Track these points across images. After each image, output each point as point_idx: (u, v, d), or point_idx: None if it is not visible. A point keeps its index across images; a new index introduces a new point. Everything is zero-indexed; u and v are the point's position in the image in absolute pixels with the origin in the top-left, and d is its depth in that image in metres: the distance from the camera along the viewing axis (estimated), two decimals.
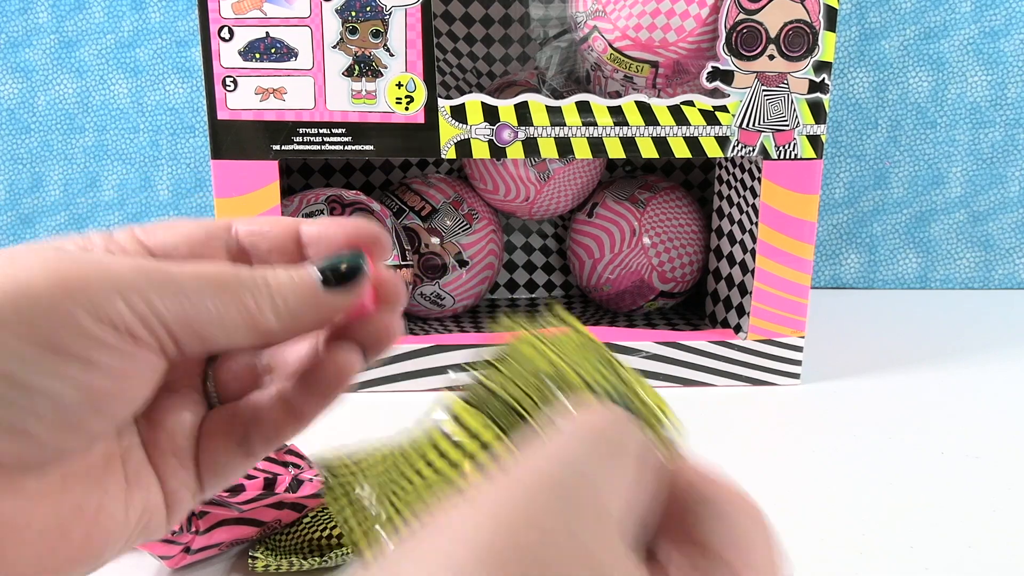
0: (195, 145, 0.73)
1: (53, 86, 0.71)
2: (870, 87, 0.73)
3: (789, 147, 0.50)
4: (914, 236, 0.76)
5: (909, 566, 0.35)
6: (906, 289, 0.77)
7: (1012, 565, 0.35)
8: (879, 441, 0.47)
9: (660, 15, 0.50)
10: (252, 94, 0.48)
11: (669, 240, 0.60)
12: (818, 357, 0.57)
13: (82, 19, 0.70)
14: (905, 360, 0.58)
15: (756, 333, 0.53)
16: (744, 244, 0.54)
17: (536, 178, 0.60)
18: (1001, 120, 0.73)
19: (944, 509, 0.40)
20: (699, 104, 0.49)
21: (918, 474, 0.43)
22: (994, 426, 0.48)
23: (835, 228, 0.76)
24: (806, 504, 0.40)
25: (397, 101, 0.48)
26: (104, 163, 0.73)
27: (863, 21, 0.71)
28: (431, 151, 0.49)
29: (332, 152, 0.49)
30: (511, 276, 0.70)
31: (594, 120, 0.49)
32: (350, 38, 0.47)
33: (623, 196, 0.61)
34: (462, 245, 0.60)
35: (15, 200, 0.73)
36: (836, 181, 0.75)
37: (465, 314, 0.65)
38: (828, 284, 0.77)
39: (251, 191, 0.49)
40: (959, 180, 0.74)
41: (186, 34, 0.70)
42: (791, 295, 0.53)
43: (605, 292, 0.62)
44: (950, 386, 0.54)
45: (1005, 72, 0.72)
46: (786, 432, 0.48)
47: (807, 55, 0.49)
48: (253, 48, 0.47)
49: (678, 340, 0.54)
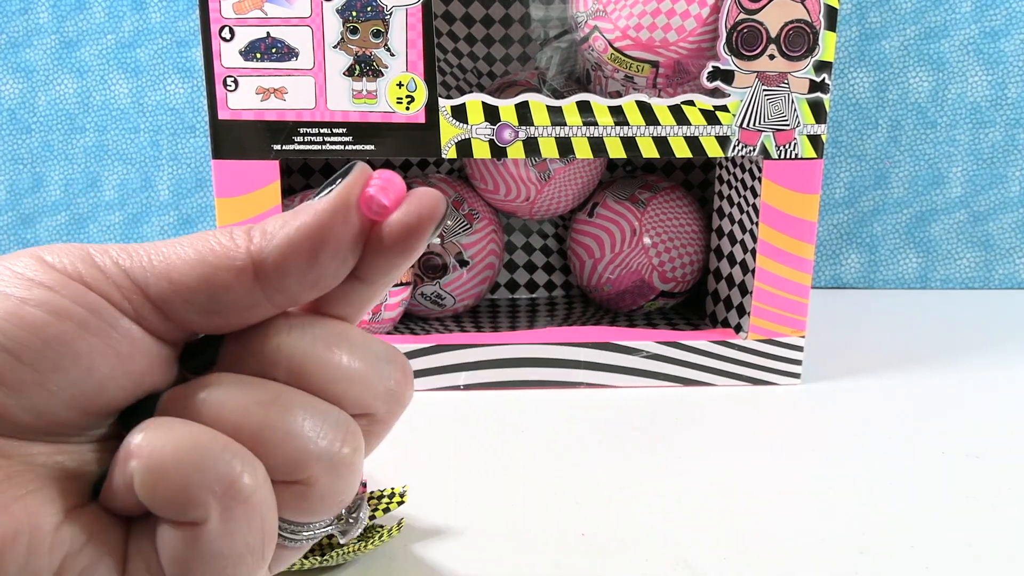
0: (196, 145, 0.73)
1: (53, 86, 0.71)
2: (870, 87, 0.73)
3: (789, 147, 0.50)
4: (914, 236, 0.76)
5: (909, 566, 0.35)
6: (906, 289, 0.77)
7: (1012, 565, 0.35)
8: (879, 441, 0.47)
9: (661, 15, 0.50)
10: (253, 94, 0.48)
11: (670, 240, 0.60)
12: (818, 357, 0.58)
13: (82, 19, 0.70)
14: (905, 360, 0.58)
15: (756, 333, 0.53)
16: (744, 244, 0.54)
17: (537, 178, 0.60)
18: (1002, 120, 0.73)
19: (945, 509, 0.40)
20: (699, 104, 0.49)
21: (919, 474, 0.43)
22: (995, 426, 0.48)
23: (835, 228, 0.76)
24: (806, 504, 0.40)
25: (398, 101, 0.48)
26: (104, 163, 0.73)
27: (863, 21, 0.71)
28: (432, 151, 0.49)
29: (333, 152, 0.49)
30: (511, 276, 0.70)
31: (595, 120, 0.49)
32: (351, 38, 0.47)
33: (623, 196, 0.61)
34: (463, 245, 0.60)
35: (15, 200, 0.73)
36: (836, 181, 0.75)
37: (465, 314, 0.65)
38: (828, 284, 0.77)
39: (252, 191, 0.49)
40: (959, 180, 0.74)
41: (187, 34, 0.70)
42: (792, 295, 0.53)
43: (605, 292, 0.62)
44: (950, 386, 0.54)
45: (1005, 72, 0.72)
46: (786, 432, 0.48)
47: (807, 55, 0.49)
48: (254, 48, 0.47)
49: (678, 340, 0.54)
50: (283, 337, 0.19)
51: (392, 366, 0.20)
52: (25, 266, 0.18)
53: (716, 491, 0.41)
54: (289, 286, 0.19)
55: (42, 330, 0.17)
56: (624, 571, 0.35)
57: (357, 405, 0.20)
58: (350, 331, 0.20)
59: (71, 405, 0.18)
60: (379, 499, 0.36)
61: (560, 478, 0.43)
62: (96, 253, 0.18)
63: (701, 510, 0.40)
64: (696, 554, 0.36)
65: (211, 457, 0.17)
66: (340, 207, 0.18)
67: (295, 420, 0.18)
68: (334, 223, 0.18)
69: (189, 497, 0.17)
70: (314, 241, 0.18)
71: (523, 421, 0.49)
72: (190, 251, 0.18)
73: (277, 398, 0.19)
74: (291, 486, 0.19)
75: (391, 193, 0.19)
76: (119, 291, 0.18)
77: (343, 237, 0.19)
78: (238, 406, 0.18)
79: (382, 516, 0.36)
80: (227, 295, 0.18)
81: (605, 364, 0.54)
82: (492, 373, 0.53)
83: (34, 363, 0.17)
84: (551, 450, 0.46)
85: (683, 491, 0.41)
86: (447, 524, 0.38)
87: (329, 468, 0.19)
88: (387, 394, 0.20)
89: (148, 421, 0.18)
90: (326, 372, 0.19)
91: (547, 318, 0.64)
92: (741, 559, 0.36)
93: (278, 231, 0.19)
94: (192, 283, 0.18)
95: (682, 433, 0.48)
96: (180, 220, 0.74)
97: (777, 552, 0.36)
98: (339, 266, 0.19)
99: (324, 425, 0.19)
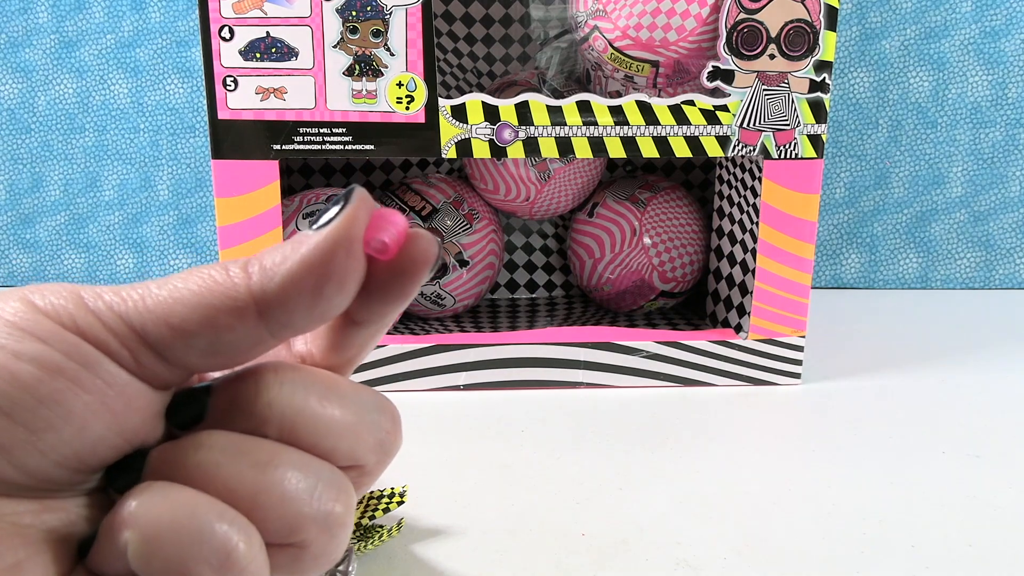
0: (195, 145, 0.73)
1: (53, 86, 0.71)
2: (871, 87, 0.73)
3: (790, 147, 0.50)
4: (915, 236, 0.76)
5: (910, 565, 0.35)
6: (907, 289, 0.77)
7: (1013, 565, 0.35)
8: (879, 440, 0.47)
9: (661, 15, 0.50)
10: (252, 94, 0.48)
11: (670, 240, 0.60)
12: (818, 357, 0.57)
13: (82, 19, 0.70)
14: (905, 360, 0.58)
15: (757, 333, 0.53)
16: (745, 244, 0.54)
17: (537, 178, 0.60)
18: (1002, 120, 0.73)
19: (945, 508, 0.40)
20: (700, 104, 0.49)
21: (919, 473, 0.43)
22: (995, 426, 0.48)
23: (835, 228, 0.76)
24: (807, 503, 0.40)
25: (398, 101, 0.48)
26: (104, 163, 0.73)
27: (864, 21, 0.71)
28: (431, 151, 0.49)
29: (333, 152, 0.49)
30: (511, 276, 0.70)
31: (595, 120, 0.49)
32: (351, 38, 0.47)
33: (623, 196, 0.61)
34: (463, 245, 0.60)
35: (15, 200, 0.73)
36: (836, 181, 0.75)
37: (465, 314, 0.65)
38: (828, 284, 0.77)
39: (251, 191, 0.49)
40: (960, 180, 0.74)
41: (186, 34, 0.70)
42: (792, 295, 0.53)
43: (605, 292, 0.62)
44: (950, 386, 0.54)
45: (1006, 72, 0.72)
46: (786, 432, 0.48)
47: (808, 55, 0.49)
48: (253, 48, 0.47)
49: (678, 340, 0.54)
50: (274, 394, 0.19)
51: (383, 416, 0.20)
52: (15, 312, 0.17)
53: (716, 491, 0.41)
54: (295, 321, 0.18)
55: (35, 388, 0.16)
56: (624, 571, 0.35)
57: (348, 458, 0.19)
58: (340, 383, 0.20)
59: (61, 464, 0.17)
60: (379, 499, 0.36)
61: (560, 478, 0.43)
62: (88, 297, 0.17)
63: (701, 510, 0.40)
64: (696, 554, 0.36)
65: (207, 528, 0.17)
66: (343, 240, 0.17)
67: (289, 482, 0.18)
68: (337, 256, 0.17)
69: (185, 570, 0.16)
70: (318, 276, 0.17)
71: (523, 421, 0.49)
72: (186, 293, 0.17)
73: (271, 460, 0.18)
74: (285, 548, 0.18)
75: (392, 233, 0.18)
76: (116, 338, 0.17)
77: (347, 271, 0.18)
78: (233, 471, 0.18)
79: (382, 516, 0.36)
80: (230, 335, 0.18)
81: (605, 364, 0.54)
82: (492, 373, 0.53)
83: (26, 423, 0.16)
84: (551, 450, 0.46)
85: (683, 491, 0.41)
86: (447, 524, 0.38)
87: (324, 529, 0.18)
88: (377, 446, 0.20)
89: (142, 487, 0.17)
90: (317, 428, 0.19)
91: (547, 318, 0.64)
92: (741, 559, 0.36)
93: (279, 267, 0.17)
94: (192, 327, 0.17)
95: (682, 433, 0.48)
96: (180, 220, 0.74)
97: (777, 552, 0.36)
98: (344, 298, 0.18)
99: (318, 485, 0.18)
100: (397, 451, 0.21)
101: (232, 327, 0.17)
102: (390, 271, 0.18)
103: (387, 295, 0.19)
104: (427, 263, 0.19)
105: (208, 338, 0.17)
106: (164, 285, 0.18)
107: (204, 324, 0.17)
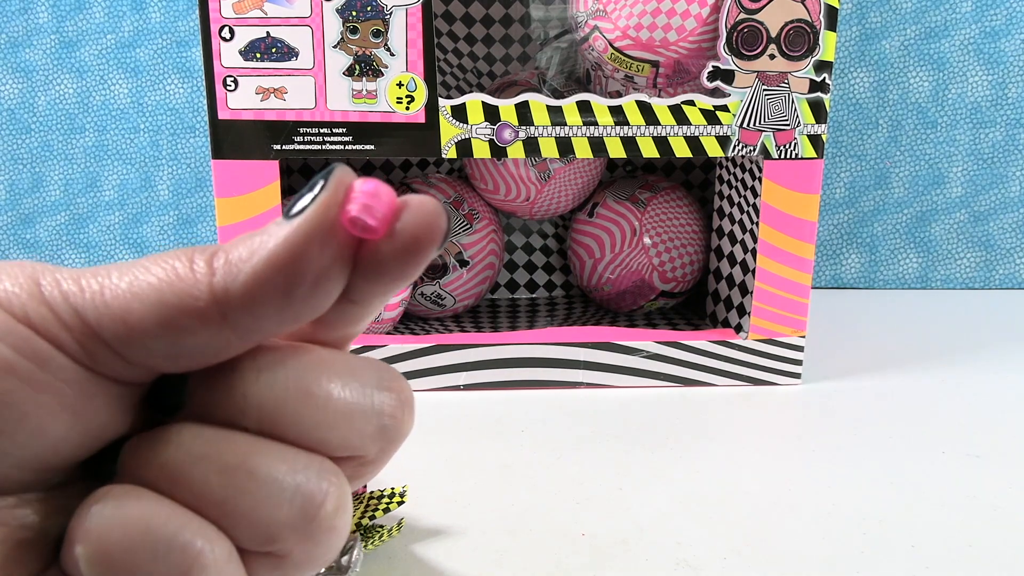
0: (195, 145, 0.73)
1: (53, 86, 0.71)
2: (871, 87, 0.73)
3: (790, 147, 0.50)
4: (915, 236, 0.76)
5: (910, 565, 0.35)
6: (907, 289, 0.77)
7: (1013, 565, 0.35)
8: (879, 441, 0.47)
9: (661, 15, 0.50)
10: (253, 94, 0.48)
11: (670, 240, 0.60)
12: (818, 357, 0.57)
13: (82, 19, 0.70)
14: (905, 360, 0.58)
15: (757, 333, 0.53)
16: (745, 244, 0.54)
17: (537, 178, 0.60)
18: (1002, 120, 0.73)
19: (945, 508, 0.40)
20: (700, 104, 0.49)
21: (919, 473, 0.43)
22: (995, 426, 0.48)
23: (835, 228, 0.76)
24: (807, 503, 0.40)
25: (398, 101, 0.48)
26: (104, 163, 0.73)
27: (864, 21, 0.71)
28: (432, 151, 0.49)
29: (333, 152, 0.49)
30: (511, 276, 0.70)
31: (595, 120, 0.49)
32: (351, 38, 0.47)
33: (624, 196, 0.61)
34: (463, 245, 0.60)
35: (15, 200, 0.73)
36: (836, 181, 0.75)
37: (465, 314, 0.65)
38: (828, 284, 0.77)
39: (252, 191, 0.49)
40: (960, 180, 0.74)
41: (186, 34, 0.70)
42: (792, 295, 0.53)
43: (605, 292, 0.62)
44: (950, 386, 0.54)
45: (1006, 72, 0.72)
46: (786, 432, 0.48)
47: (808, 55, 0.49)
48: (254, 48, 0.47)
49: (679, 340, 0.54)
50: (249, 385, 0.16)
51: (386, 397, 0.17)
52: None
53: (716, 491, 0.41)
54: (264, 327, 0.16)
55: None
56: (624, 571, 0.35)
57: (343, 449, 0.17)
58: (333, 362, 0.17)
59: (21, 466, 0.15)
60: (379, 499, 0.36)
61: (560, 478, 0.43)
62: (46, 285, 0.15)
63: (701, 510, 0.40)
64: (696, 554, 0.36)
65: (163, 542, 0.15)
66: (314, 231, 0.15)
67: (261, 486, 0.16)
68: (308, 251, 0.15)
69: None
70: (287, 275, 0.15)
71: (523, 421, 0.49)
72: (145, 286, 0.15)
73: (241, 462, 0.16)
74: (263, 556, 0.16)
75: (377, 209, 0.15)
76: (70, 334, 0.15)
77: (321, 266, 0.15)
78: (199, 473, 0.16)
79: (382, 516, 0.36)
80: (191, 339, 0.15)
81: (605, 364, 0.54)
82: (492, 373, 0.53)
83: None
84: (551, 450, 0.46)
85: (683, 491, 0.41)
86: (447, 524, 0.38)
87: (305, 536, 0.16)
88: (378, 433, 0.17)
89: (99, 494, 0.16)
90: (301, 419, 0.16)
91: (547, 318, 0.64)
92: (741, 559, 0.36)
93: (243, 265, 0.15)
94: (150, 327, 0.15)
95: (682, 433, 0.48)
96: (180, 220, 0.74)
97: (777, 552, 0.36)
98: (321, 298, 0.16)
99: (298, 488, 0.16)
100: (405, 436, 0.18)
101: (193, 330, 0.15)
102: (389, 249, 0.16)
103: (384, 276, 0.16)
104: (432, 240, 0.16)
105: (167, 340, 0.15)
106: (127, 273, 0.16)
107: (162, 325, 0.15)
